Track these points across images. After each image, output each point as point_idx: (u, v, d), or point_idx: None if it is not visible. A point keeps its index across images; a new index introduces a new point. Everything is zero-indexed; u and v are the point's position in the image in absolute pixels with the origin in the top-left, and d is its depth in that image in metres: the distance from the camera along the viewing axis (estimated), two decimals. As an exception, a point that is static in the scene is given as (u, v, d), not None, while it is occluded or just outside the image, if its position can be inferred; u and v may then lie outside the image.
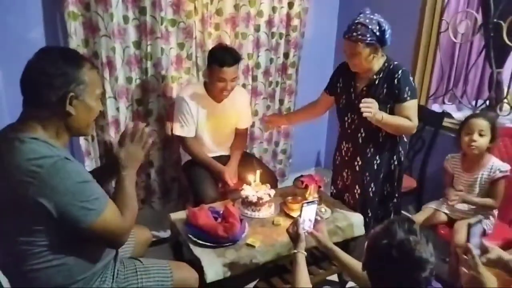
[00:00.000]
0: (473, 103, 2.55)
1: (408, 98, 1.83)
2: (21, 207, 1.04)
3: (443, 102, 2.87)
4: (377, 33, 1.76)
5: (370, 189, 2.01)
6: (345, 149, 2.09)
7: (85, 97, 1.13)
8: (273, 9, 2.62)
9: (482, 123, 1.90)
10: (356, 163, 2.03)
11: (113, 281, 1.27)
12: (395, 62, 1.88)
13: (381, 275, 1.06)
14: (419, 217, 2.05)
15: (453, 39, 2.54)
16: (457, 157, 2.07)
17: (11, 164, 1.03)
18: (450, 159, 2.10)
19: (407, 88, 1.83)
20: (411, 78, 1.87)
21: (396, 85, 1.83)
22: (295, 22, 2.73)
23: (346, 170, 2.11)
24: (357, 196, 2.05)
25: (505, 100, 2.41)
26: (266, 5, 2.58)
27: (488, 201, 1.93)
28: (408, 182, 2.43)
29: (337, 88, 2.08)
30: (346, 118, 2.03)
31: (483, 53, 2.51)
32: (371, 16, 1.78)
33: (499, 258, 1.25)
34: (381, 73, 1.88)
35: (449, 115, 2.60)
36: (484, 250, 1.27)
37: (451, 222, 2.01)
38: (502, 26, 2.18)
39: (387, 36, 1.78)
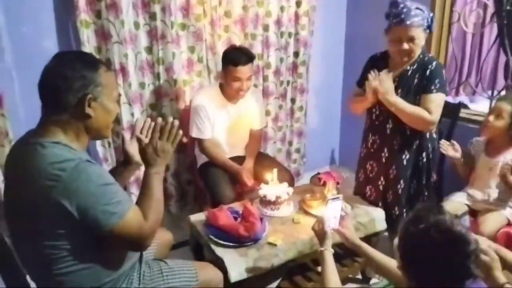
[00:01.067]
0: (489, 93, 2.50)
1: (435, 90, 1.79)
2: (44, 210, 1.04)
3: (457, 93, 2.83)
4: (429, 19, 1.77)
5: (399, 186, 1.95)
6: (371, 141, 2.04)
7: (103, 99, 1.13)
8: (281, 8, 2.62)
9: (502, 106, 1.87)
10: (382, 154, 1.99)
11: (140, 282, 1.27)
12: (430, 55, 1.85)
13: (422, 266, 0.97)
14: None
15: (465, 29, 2.51)
16: (481, 141, 2.05)
17: (34, 169, 1.04)
18: (474, 142, 2.08)
19: (436, 81, 1.79)
20: (443, 72, 1.83)
21: (428, 76, 1.80)
22: (304, 20, 2.73)
23: (371, 162, 2.06)
24: (381, 188, 2.02)
25: (522, 88, 2.37)
26: (274, 5, 2.58)
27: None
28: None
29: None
30: (374, 110, 1.99)
31: (497, 42, 2.47)
32: (417, 5, 1.77)
33: None
34: (415, 64, 1.84)
35: (465, 106, 2.57)
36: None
37: (473, 214, 1.98)
38: (516, 12, 2.15)
39: (433, 21, 1.80)
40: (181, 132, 1.27)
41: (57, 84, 1.09)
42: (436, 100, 1.80)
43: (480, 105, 2.65)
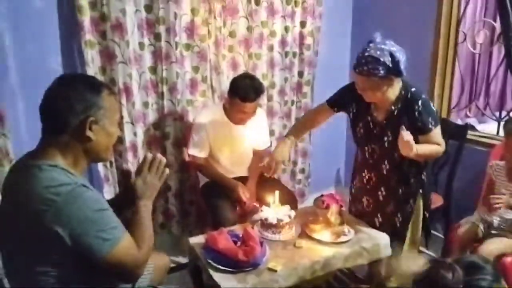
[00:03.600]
0: (497, 114, 2.45)
1: (433, 127, 1.75)
2: (37, 235, 1.02)
3: (466, 116, 2.78)
4: (390, 65, 1.61)
5: (396, 219, 1.93)
6: (367, 177, 1.99)
7: (105, 122, 1.12)
8: (286, 28, 2.63)
9: None
10: (379, 192, 1.95)
11: (132, 311, 1.23)
12: (413, 89, 1.75)
13: None
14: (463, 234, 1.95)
15: (472, 49, 2.49)
16: (502, 164, 1.98)
17: (30, 192, 1.02)
18: (494, 166, 2.00)
19: (430, 119, 1.74)
20: (431, 105, 1.78)
21: (418, 117, 1.73)
22: (308, 40, 2.73)
23: (366, 198, 2.02)
24: (377, 224, 1.97)
25: (531, 109, 2.32)
26: (278, 25, 2.59)
27: None
28: (435, 199, 2.33)
29: (348, 110, 1.98)
30: (366, 148, 1.94)
31: (504, 63, 2.43)
32: (382, 46, 1.62)
33: None
34: (399, 103, 1.77)
35: (473, 128, 2.52)
36: None
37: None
38: (523, 33, 2.12)
39: (402, 66, 1.63)
40: (167, 170, 1.29)
41: (58, 106, 1.08)
42: (437, 133, 1.78)
43: (488, 127, 2.60)
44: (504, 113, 2.46)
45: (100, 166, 2.23)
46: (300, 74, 2.80)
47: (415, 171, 1.87)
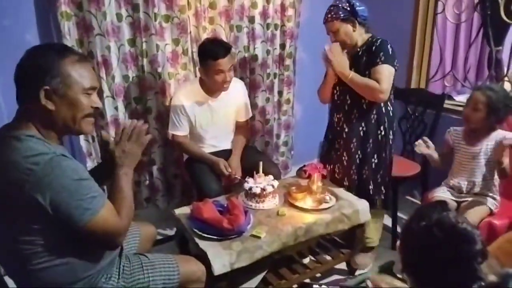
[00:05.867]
0: (474, 83, 2.52)
1: (380, 62, 1.92)
2: (18, 205, 1.03)
3: (445, 86, 2.84)
4: (348, 8, 1.94)
5: (357, 156, 2.08)
6: (336, 119, 2.17)
7: (65, 91, 1.08)
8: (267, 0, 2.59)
9: (477, 97, 1.88)
10: (344, 130, 2.11)
11: (119, 278, 1.26)
12: (380, 39, 1.97)
13: (425, 268, 0.90)
14: None
15: (450, 20, 2.52)
16: (460, 130, 2.05)
17: (9, 162, 1.02)
18: (452, 132, 2.08)
19: (381, 54, 1.92)
20: (388, 46, 1.95)
21: (374, 51, 1.94)
22: (290, 12, 2.71)
23: (338, 140, 2.18)
24: (345, 163, 2.13)
25: (506, 78, 2.38)
26: (259, -4, 2.56)
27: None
28: (412, 167, 2.42)
29: None
30: (335, 91, 2.14)
31: (481, 32, 2.48)
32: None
33: None
34: (364, 46, 2.00)
35: (450, 97, 2.58)
36: None
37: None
38: (499, 3, 2.15)
39: (357, 8, 1.94)
40: (149, 136, 1.27)
41: (18, 75, 1.07)
42: (383, 71, 1.92)
43: (466, 97, 2.66)
44: (480, 83, 2.53)
45: (82, 141, 2.21)
46: (282, 46, 2.79)
47: (374, 111, 2.03)
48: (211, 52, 2.07)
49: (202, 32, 2.41)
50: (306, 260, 2.00)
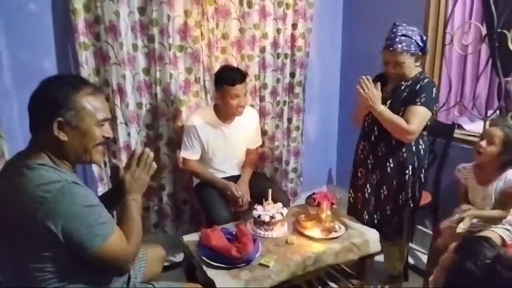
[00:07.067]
0: (483, 113, 2.52)
1: (419, 103, 1.86)
2: (30, 233, 1.05)
3: (455, 115, 2.85)
4: (420, 44, 1.87)
5: (381, 191, 2.03)
6: (361, 147, 2.14)
7: (79, 122, 1.11)
8: (278, 30, 2.67)
9: (495, 132, 1.84)
10: (369, 161, 2.07)
11: (127, 306, 1.26)
12: (428, 78, 1.93)
13: None
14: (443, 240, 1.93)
15: (458, 51, 2.55)
16: (469, 168, 2.02)
17: (21, 191, 1.05)
18: (462, 170, 2.04)
19: (423, 95, 1.86)
20: (434, 89, 1.90)
21: (417, 90, 1.89)
22: (300, 42, 2.78)
23: (360, 169, 2.15)
24: (367, 196, 2.09)
25: (516, 109, 2.38)
26: (270, 27, 2.63)
27: (495, 213, 1.87)
28: (423, 196, 2.39)
29: None
30: (367, 118, 2.09)
31: (490, 63, 2.50)
32: (411, 28, 1.88)
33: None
34: (410, 81, 1.94)
35: (460, 127, 2.58)
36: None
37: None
38: (507, 35, 2.19)
39: (428, 45, 1.91)
40: (155, 164, 1.29)
41: (32, 107, 1.11)
42: (418, 113, 1.87)
43: (476, 125, 2.66)
44: (490, 112, 2.53)
45: (94, 166, 2.25)
46: (292, 75, 2.84)
47: (404, 149, 1.96)
48: (228, 77, 2.15)
49: (215, 61, 2.48)
50: (316, 289, 1.97)
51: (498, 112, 2.51)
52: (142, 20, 2.23)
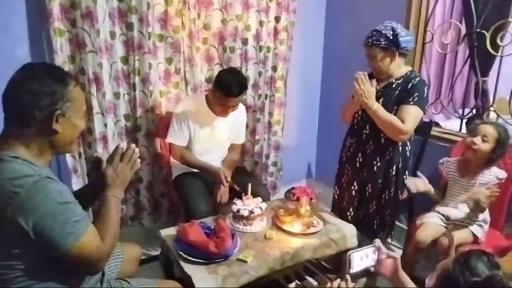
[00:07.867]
0: (460, 111, 2.57)
1: (412, 102, 1.88)
2: None
3: (433, 113, 2.89)
4: (390, 37, 1.86)
5: (367, 188, 2.05)
6: (348, 144, 2.14)
7: (71, 114, 1.10)
8: (260, 23, 2.63)
9: (489, 130, 1.89)
10: (357, 159, 2.08)
11: (100, 304, 1.23)
12: (419, 77, 1.93)
13: None
14: (423, 236, 1.93)
15: (438, 49, 2.58)
16: (453, 161, 2.07)
17: None
18: (446, 163, 2.09)
19: (415, 94, 1.88)
20: (425, 89, 1.91)
21: (408, 89, 1.90)
22: (283, 35, 2.75)
23: (347, 166, 2.15)
24: (353, 193, 2.10)
25: (491, 108, 2.44)
26: (253, 19, 2.60)
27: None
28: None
29: None
30: (356, 115, 2.09)
31: (468, 62, 2.54)
32: (387, 23, 1.90)
33: None
34: (401, 79, 1.95)
35: (437, 124, 2.62)
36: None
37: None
38: (486, 35, 2.22)
39: (401, 39, 1.86)
40: (139, 161, 1.27)
41: (25, 99, 1.04)
42: (412, 112, 1.88)
43: (452, 123, 2.71)
44: (467, 111, 2.58)
45: (68, 157, 2.18)
46: (274, 68, 2.82)
47: (391, 148, 1.98)
48: (226, 87, 2.05)
49: (196, 52, 2.43)
50: (292, 285, 1.99)
51: (474, 110, 2.57)
52: (120, 7, 2.16)
